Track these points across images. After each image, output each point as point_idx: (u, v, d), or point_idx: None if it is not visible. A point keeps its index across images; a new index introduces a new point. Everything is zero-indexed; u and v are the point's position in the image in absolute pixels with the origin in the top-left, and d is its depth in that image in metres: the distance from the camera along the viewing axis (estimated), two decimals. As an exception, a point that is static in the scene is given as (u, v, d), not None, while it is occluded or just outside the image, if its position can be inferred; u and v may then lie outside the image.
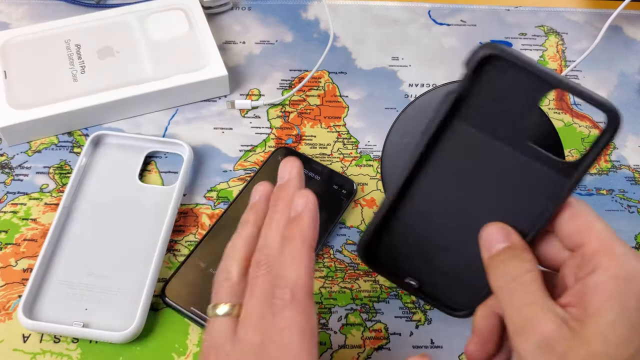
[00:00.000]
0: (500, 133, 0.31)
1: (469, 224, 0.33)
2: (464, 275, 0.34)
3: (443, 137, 0.32)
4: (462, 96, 0.31)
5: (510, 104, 0.30)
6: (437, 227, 0.34)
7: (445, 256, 0.34)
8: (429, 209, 0.34)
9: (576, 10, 0.64)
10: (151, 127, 0.54)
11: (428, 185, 0.33)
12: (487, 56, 0.30)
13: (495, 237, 0.31)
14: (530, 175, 0.31)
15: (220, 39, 0.60)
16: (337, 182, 0.50)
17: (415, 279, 0.35)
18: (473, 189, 0.33)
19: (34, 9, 0.61)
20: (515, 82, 0.30)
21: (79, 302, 0.43)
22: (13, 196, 0.49)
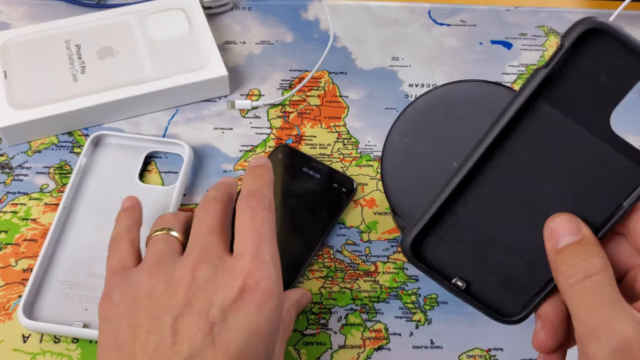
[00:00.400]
0: (584, 118, 0.28)
1: (535, 218, 0.30)
2: (519, 277, 0.31)
3: (523, 118, 0.29)
4: (552, 74, 0.28)
5: (602, 86, 0.28)
6: (498, 221, 0.31)
7: (502, 254, 0.31)
8: (493, 199, 0.31)
9: (576, 11, 0.64)
10: (151, 127, 0.54)
11: (496, 173, 0.30)
12: (589, 30, 0.27)
13: (564, 229, 0.28)
14: (610, 167, 0.29)
15: (221, 39, 0.60)
16: (337, 181, 0.50)
17: (463, 280, 0.32)
18: (545, 179, 0.30)
19: (34, 9, 0.61)
20: (614, 62, 0.27)
21: (79, 302, 0.43)
22: (13, 196, 0.49)
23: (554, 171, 0.30)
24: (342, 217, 0.49)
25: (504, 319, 0.32)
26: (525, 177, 0.30)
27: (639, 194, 0.28)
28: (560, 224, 0.29)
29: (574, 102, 0.28)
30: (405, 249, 0.32)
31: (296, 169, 0.50)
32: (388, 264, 0.47)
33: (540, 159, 0.30)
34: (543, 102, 0.29)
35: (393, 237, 0.48)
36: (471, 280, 0.32)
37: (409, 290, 0.46)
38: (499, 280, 0.32)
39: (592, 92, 0.28)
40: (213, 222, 0.36)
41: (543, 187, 0.30)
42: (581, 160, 0.29)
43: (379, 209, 0.50)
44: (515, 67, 0.59)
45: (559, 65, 0.28)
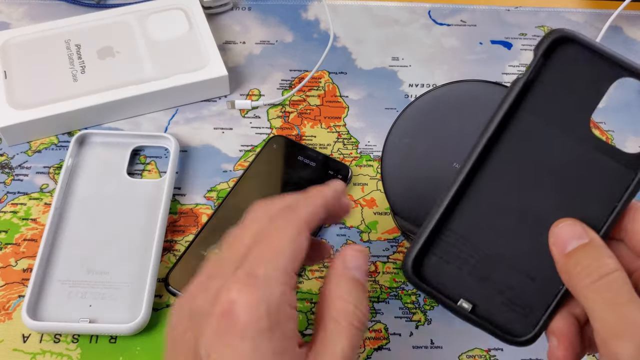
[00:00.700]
0: (565, 124, 0.29)
1: (533, 228, 0.30)
2: (525, 294, 0.30)
3: (506, 130, 0.30)
4: (528, 83, 0.29)
5: (578, 92, 0.29)
6: (496, 235, 0.30)
7: (505, 271, 0.30)
8: (488, 213, 0.30)
9: (576, 11, 0.64)
10: (151, 127, 0.54)
11: (487, 187, 0.30)
12: (558, 39, 0.28)
13: (570, 233, 0.28)
14: (597, 169, 0.29)
15: (221, 39, 0.60)
16: (333, 168, 0.50)
17: (469, 301, 0.31)
18: (537, 188, 0.30)
19: (34, 9, 0.61)
20: (586, 68, 0.28)
21: (82, 299, 0.43)
22: (13, 196, 0.49)
23: (546, 179, 0.30)
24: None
25: (515, 340, 0.31)
26: (517, 188, 0.30)
27: (629, 194, 0.29)
28: (566, 228, 0.28)
29: (554, 110, 0.29)
30: (406, 270, 0.31)
31: (292, 158, 0.50)
32: (388, 264, 0.47)
33: (529, 168, 0.30)
34: (524, 112, 0.29)
35: (393, 237, 0.48)
36: (477, 301, 0.31)
37: (409, 290, 0.46)
38: (505, 298, 0.31)
39: (569, 99, 0.29)
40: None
41: (536, 196, 0.30)
42: (570, 166, 0.29)
43: (379, 209, 0.50)
44: (515, 67, 0.59)
45: (534, 75, 0.29)
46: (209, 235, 0.46)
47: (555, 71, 0.29)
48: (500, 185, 0.30)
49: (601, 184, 0.29)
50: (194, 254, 0.45)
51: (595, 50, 0.28)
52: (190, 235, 0.48)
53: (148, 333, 0.43)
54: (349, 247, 0.30)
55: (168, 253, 0.47)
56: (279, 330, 0.26)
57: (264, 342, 0.25)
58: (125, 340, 0.43)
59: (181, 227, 0.48)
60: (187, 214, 0.49)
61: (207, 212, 0.49)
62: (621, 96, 0.58)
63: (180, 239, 0.47)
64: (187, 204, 0.49)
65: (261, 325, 0.25)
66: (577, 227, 0.28)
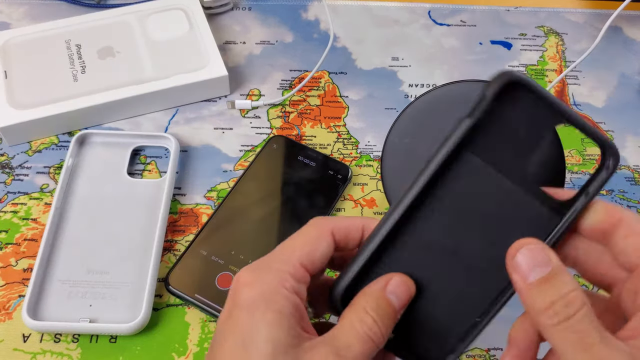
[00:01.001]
0: (504, 166, 0.30)
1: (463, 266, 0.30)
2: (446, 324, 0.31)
3: (448, 167, 0.30)
4: (475, 125, 0.29)
5: (520, 135, 0.29)
6: (425, 268, 0.31)
7: (428, 302, 0.31)
8: (421, 249, 0.31)
9: (576, 11, 0.64)
10: (151, 127, 0.54)
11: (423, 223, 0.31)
12: (509, 83, 0.29)
13: (532, 260, 0.27)
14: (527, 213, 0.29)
15: (221, 39, 0.60)
16: (333, 168, 0.50)
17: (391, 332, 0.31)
18: (471, 227, 0.30)
19: (34, 9, 0.61)
20: (529, 112, 0.29)
21: (82, 299, 0.43)
22: (13, 196, 0.49)
23: (480, 221, 0.30)
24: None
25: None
26: (452, 226, 0.30)
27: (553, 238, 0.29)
28: (527, 254, 0.27)
29: (495, 152, 0.30)
30: (335, 299, 0.31)
31: (292, 158, 0.51)
32: (388, 264, 0.47)
33: (466, 209, 0.30)
34: (465, 151, 0.30)
35: (393, 237, 0.48)
36: (400, 331, 0.31)
37: (409, 290, 0.46)
38: (427, 329, 0.31)
39: (510, 142, 0.29)
40: None
41: (470, 235, 0.30)
42: (503, 208, 0.30)
43: (379, 209, 0.50)
44: (515, 68, 0.59)
45: (481, 116, 0.29)
46: (209, 235, 0.46)
47: (501, 113, 0.29)
48: (434, 222, 0.31)
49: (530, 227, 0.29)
50: (194, 253, 0.46)
51: (540, 96, 0.28)
52: (190, 235, 0.48)
53: (148, 333, 0.43)
54: (398, 276, 0.30)
55: (168, 253, 0.47)
56: (273, 308, 0.27)
57: (259, 316, 0.27)
58: (125, 340, 0.43)
59: (181, 227, 0.48)
60: (187, 213, 0.49)
61: (207, 212, 0.49)
62: (621, 96, 0.58)
63: (181, 239, 0.47)
64: (187, 204, 0.49)
65: (257, 301, 0.28)
66: (540, 252, 0.27)
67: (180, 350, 0.43)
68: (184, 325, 0.44)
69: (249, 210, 0.48)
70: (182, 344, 0.43)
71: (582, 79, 0.59)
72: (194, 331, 0.43)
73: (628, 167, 0.53)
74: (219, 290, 0.44)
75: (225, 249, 0.46)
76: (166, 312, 0.44)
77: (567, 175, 0.52)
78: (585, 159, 0.53)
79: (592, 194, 0.28)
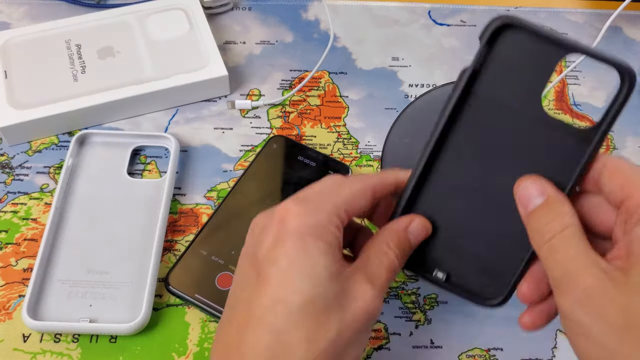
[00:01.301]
0: (516, 104, 0.31)
1: (494, 200, 0.32)
2: (494, 259, 0.33)
3: (461, 114, 0.32)
4: (477, 71, 0.31)
5: (525, 73, 0.30)
6: (461, 209, 0.33)
7: (473, 240, 0.33)
8: (452, 190, 0.33)
9: (576, 11, 0.64)
10: (151, 127, 0.54)
11: (449, 166, 0.33)
12: (501, 27, 0.30)
13: (530, 192, 0.30)
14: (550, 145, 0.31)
15: (221, 39, 0.60)
16: (333, 168, 0.50)
17: (443, 271, 0.34)
18: (494, 163, 0.32)
19: (34, 9, 0.61)
20: (530, 50, 0.30)
21: (82, 299, 0.43)
22: (13, 196, 0.49)
23: (502, 156, 0.32)
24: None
25: (488, 303, 0.33)
26: (477, 165, 0.32)
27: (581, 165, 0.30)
28: (526, 187, 0.30)
29: (504, 92, 0.31)
30: None
31: (292, 158, 0.51)
32: (388, 264, 0.47)
33: (486, 147, 0.32)
34: (476, 98, 0.32)
35: (393, 237, 0.48)
36: (450, 270, 0.34)
37: (409, 290, 0.46)
38: (477, 266, 0.33)
39: (517, 80, 0.31)
40: None
41: (496, 172, 0.32)
42: (524, 143, 0.31)
43: (379, 209, 0.50)
44: (515, 67, 0.59)
45: (479, 63, 0.31)
46: (209, 235, 0.46)
47: (500, 56, 0.31)
48: (461, 165, 0.33)
49: (556, 156, 0.31)
50: (194, 253, 0.46)
51: (537, 33, 0.30)
52: (190, 235, 0.48)
53: (148, 333, 0.43)
54: (418, 218, 0.33)
55: (168, 253, 0.47)
56: (324, 239, 0.30)
57: (311, 243, 0.30)
58: (125, 339, 0.43)
59: (181, 227, 0.48)
60: (187, 213, 0.49)
61: (207, 212, 0.49)
62: (621, 96, 0.58)
63: (181, 239, 0.47)
64: (188, 204, 0.49)
65: (309, 230, 0.30)
66: (537, 184, 0.30)
67: (180, 350, 0.43)
68: (184, 325, 0.44)
69: (249, 210, 0.48)
70: (182, 344, 0.43)
71: (582, 79, 0.59)
72: (194, 331, 0.43)
73: (628, 167, 0.53)
74: (219, 290, 0.44)
75: (225, 249, 0.46)
76: (166, 312, 0.44)
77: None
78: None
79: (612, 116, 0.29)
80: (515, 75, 0.31)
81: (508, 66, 0.31)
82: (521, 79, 0.31)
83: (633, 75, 0.28)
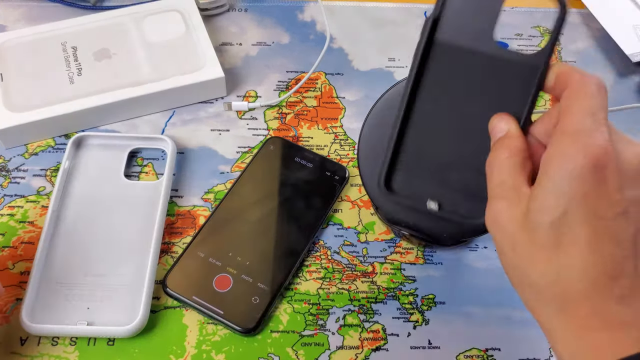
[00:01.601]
0: (475, 41, 0.36)
1: (470, 132, 0.36)
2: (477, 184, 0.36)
3: (428, 59, 0.37)
4: (436, 20, 0.36)
5: (477, 15, 0.36)
6: (442, 145, 0.37)
7: (459, 171, 0.37)
8: (432, 129, 0.37)
9: (572, 11, 0.64)
10: (148, 129, 0.54)
11: (426, 107, 0.37)
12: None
13: (497, 127, 0.34)
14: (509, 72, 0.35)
15: (217, 40, 0.60)
16: (330, 169, 0.50)
17: (435, 201, 0.38)
18: (465, 99, 0.36)
19: (30, 11, 0.61)
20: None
21: (80, 302, 0.43)
22: (10, 199, 0.49)
23: (472, 90, 0.36)
24: (339, 217, 0.49)
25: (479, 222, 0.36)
26: (451, 103, 0.37)
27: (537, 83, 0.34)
28: (493, 124, 0.34)
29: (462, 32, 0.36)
30: (381, 188, 0.38)
31: (289, 159, 0.51)
32: (385, 265, 0.47)
33: (456, 85, 0.37)
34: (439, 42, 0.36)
35: (390, 237, 0.48)
36: (442, 199, 0.38)
37: (407, 290, 0.46)
38: (464, 192, 0.37)
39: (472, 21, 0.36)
40: None
41: (467, 107, 0.36)
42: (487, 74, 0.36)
43: (376, 210, 0.50)
44: (511, 68, 0.59)
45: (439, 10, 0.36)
46: (206, 237, 0.46)
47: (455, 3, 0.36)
48: (436, 104, 0.37)
49: (516, 83, 0.35)
50: (192, 255, 0.46)
51: None
52: (187, 237, 0.48)
53: (146, 335, 0.43)
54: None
55: (165, 255, 0.47)
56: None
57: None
58: (123, 342, 0.43)
59: (178, 229, 0.48)
60: (185, 215, 0.49)
61: (204, 213, 0.49)
62: (619, 97, 0.58)
63: (178, 241, 0.47)
64: (185, 206, 0.49)
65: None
66: (500, 121, 0.34)
67: (178, 352, 0.43)
68: (182, 328, 0.44)
69: (246, 211, 0.48)
70: (179, 346, 0.43)
71: (578, 79, 0.59)
72: (191, 333, 0.43)
73: (624, 167, 0.53)
74: (216, 292, 0.44)
75: (222, 251, 0.46)
76: (164, 315, 0.44)
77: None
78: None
79: (554, 37, 0.35)
80: (469, 18, 0.36)
81: (462, 11, 0.36)
82: (474, 20, 0.36)
83: (565, 2, 0.35)
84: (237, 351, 0.43)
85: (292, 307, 0.45)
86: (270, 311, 0.44)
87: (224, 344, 0.43)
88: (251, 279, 0.45)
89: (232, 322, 0.43)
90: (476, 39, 0.36)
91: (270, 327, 0.44)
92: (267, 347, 0.43)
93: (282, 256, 0.46)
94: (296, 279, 0.46)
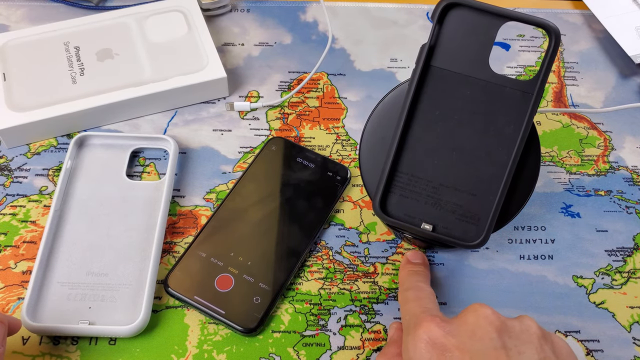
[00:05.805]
0: (469, 68, 0.37)
1: (463, 155, 0.38)
2: (470, 207, 0.39)
3: (424, 85, 0.38)
4: (432, 46, 0.38)
5: (472, 42, 0.37)
6: (436, 168, 0.39)
7: (452, 193, 0.39)
8: (426, 151, 0.39)
9: (574, 12, 0.64)
10: (150, 129, 0.54)
11: (421, 131, 0.39)
12: (447, 6, 0.37)
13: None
14: (502, 99, 0.37)
15: (219, 40, 0.60)
16: (331, 169, 0.50)
17: (429, 223, 0.40)
18: (458, 124, 0.38)
19: (33, 11, 0.61)
20: (474, 22, 0.37)
21: (82, 301, 0.43)
22: (12, 198, 0.49)
23: (464, 116, 0.38)
24: (341, 218, 0.49)
25: (470, 245, 0.39)
26: (444, 128, 0.39)
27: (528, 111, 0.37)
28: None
29: (457, 60, 0.38)
30: (376, 210, 0.40)
31: (290, 159, 0.51)
32: (387, 265, 0.47)
33: (450, 111, 0.38)
34: (435, 68, 0.38)
35: (392, 238, 0.48)
36: (435, 222, 0.40)
37: (408, 291, 0.46)
38: (457, 215, 0.39)
39: (467, 48, 0.37)
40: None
41: (461, 131, 0.38)
42: (480, 100, 0.38)
43: (378, 210, 0.50)
44: (513, 69, 0.59)
45: (434, 38, 0.38)
46: (208, 237, 0.46)
47: (451, 31, 0.37)
48: (430, 130, 0.39)
49: (508, 108, 0.37)
50: (193, 255, 0.46)
51: (477, 7, 0.37)
52: (189, 237, 0.48)
53: (147, 335, 0.43)
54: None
55: (167, 255, 0.47)
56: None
57: None
58: (124, 342, 0.43)
59: (180, 229, 0.48)
60: (187, 215, 0.49)
61: (206, 213, 0.49)
62: (619, 97, 0.58)
63: (180, 241, 0.47)
64: (186, 206, 0.49)
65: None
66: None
67: (179, 352, 0.43)
68: (183, 327, 0.44)
69: (248, 211, 0.48)
70: (181, 346, 0.43)
71: (581, 80, 0.59)
72: (193, 333, 0.43)
73: (626, 168, 0.53)
74: (218, 292, 0.44)
75: (224, 251, 0.46)
76: (165, 314, 0.44)
77: (566, 176, 0.52)
78: (583, 159, 0.53)
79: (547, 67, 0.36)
80: (464, 45, 0.37)
81: (458, 38, 0.37)
82: (469, 47, 0.37)
83: (558, 32, 0.36)
84: (239, 351, 0.43)
85: (293, 307, 0.45)
86: (271, 311, 0.44)
87: (226, 344, 0.43)
88: (253, 279, 0.45)
89: (234, 322, 0.43)
90: (471, 66, 0.37)
91: (271, 327, 0.44)
92: (269, 347, 0.43)
93: (283, 256, 0.46)
94: (298, 279, 0.46)
